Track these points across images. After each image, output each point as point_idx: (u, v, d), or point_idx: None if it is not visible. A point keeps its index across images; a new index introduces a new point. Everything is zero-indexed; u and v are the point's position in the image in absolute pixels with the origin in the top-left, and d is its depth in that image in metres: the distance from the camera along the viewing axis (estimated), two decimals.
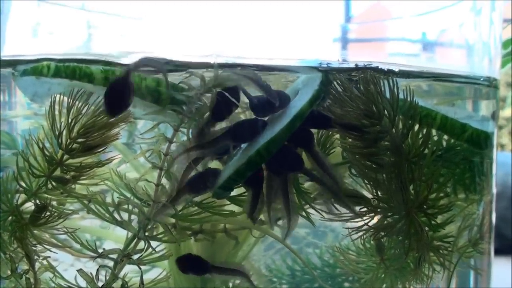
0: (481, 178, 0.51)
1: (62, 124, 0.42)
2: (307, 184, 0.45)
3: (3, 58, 0.48)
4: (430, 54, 0.54)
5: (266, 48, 0.48)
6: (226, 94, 0.41)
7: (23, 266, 0.45)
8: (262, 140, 0.42)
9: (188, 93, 0.41)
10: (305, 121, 0.42)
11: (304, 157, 0.44)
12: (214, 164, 0.45)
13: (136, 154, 0.47)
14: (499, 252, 0.57)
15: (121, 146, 0.49)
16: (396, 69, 0.45)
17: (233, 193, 0.45)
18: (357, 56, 0.54)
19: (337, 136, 0.45)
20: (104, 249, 0.44)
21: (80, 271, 0.43)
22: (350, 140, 0.44)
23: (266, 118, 0.43)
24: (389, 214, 0.44)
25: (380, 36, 0.55)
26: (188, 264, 0.45)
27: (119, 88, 0.41)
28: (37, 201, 0.43)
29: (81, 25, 0.51)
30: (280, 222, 0.47)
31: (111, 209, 0.45)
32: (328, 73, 0.44)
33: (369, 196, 0.44)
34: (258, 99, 0.43)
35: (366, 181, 0.44)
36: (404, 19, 0.53)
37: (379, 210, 0.44)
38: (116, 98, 0.41)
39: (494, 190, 0.55)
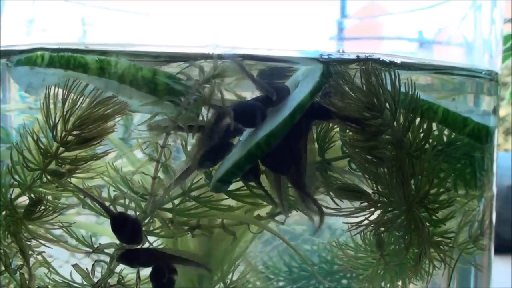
0: (482, 174, 0.50)
1: (57, 116, 0.41)
2: None
3: None
4: (427, 52, 0.54)
5: (265, 41, 0.47)
6: None
7: (17, 261, 0.44)
8: (261, 133, 0.41)
9: (186, 82, 0.40)
10: (305, 114, 0.42)
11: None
12: None
13: (133, 147, 0.46)
14: (494, 251, 0.57)
15: (117, 140, 0.48)
16: (398, 61, 0.45)
17: (231, 187, 0.44)
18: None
19: (337, 129, 0.44)
20: (100, 244, 0.43)
21: (75, 266, 0.43)
22: (350, 133, 0.43)
23: None
24: (390, 209, 0.44)
25: (377, 35, 0.55)
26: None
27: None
28: (32, 195, 0.43)
29: (77, 19, 0.50)
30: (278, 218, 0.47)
31: (107, 203, 0.44)
32: (329, 65, 0.43)
33: (370, 190, 0.44)
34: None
35: (366, 176, 0.43)
36: (401, 16, 0.52)
37: (379, 205, 0.44)
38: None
39: (495, 187, 0.54)
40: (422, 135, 0.44)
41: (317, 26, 0.51)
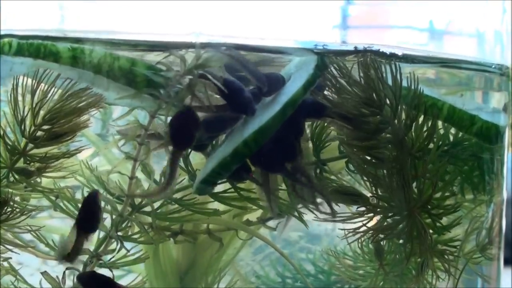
0: (491, 177, 0.48)
1: (26, 109, 0.39)
2: None
3: None
4: (438, 43, 0.52)
5: (262, 29, 0.44)
6: None
7: None
8: (249, 130, 0.39)
9: (166, 74, 0.38)
10: (298, 110, 0.39)
11: None
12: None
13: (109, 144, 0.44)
14: (509, 262, 0.54)
15: (94, 136, 0.45)
16: (399, 53, 0.42)
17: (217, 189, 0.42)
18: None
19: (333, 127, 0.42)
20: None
21: (44, 273, 0.40)
22: (347, 131, 0.41)
23: None
24: (390, 214, 0.42)
25: (385, 23, 0.52)
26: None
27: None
28: None
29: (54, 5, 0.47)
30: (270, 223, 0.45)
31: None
32: (324, 56, 0.40)
33: (368, 194, 0.42)
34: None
35: (364, 178, 0.42)
36: (410, 4, 0.49)
37: (378, 209, 0.42)
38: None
39: (505, 191, 0.52)
40: (425, 134, 0.42)
41: (321, 13, 0.48)
